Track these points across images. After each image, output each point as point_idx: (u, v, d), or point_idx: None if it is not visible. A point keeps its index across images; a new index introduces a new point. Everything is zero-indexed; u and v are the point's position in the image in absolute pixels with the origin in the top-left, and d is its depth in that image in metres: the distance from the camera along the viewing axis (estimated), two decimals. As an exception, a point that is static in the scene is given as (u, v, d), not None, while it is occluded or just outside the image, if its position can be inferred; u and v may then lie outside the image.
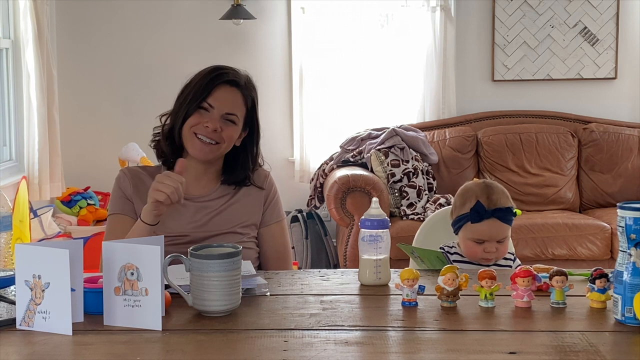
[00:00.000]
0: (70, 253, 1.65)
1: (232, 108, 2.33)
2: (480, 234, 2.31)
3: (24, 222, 3.94)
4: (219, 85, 2.32)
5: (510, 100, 5.66)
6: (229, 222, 2.34)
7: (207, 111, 2.31)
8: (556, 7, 5.55)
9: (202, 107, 2.31)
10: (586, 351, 1.52)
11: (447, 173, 5.28)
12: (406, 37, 5.58)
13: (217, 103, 2.31)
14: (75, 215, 4.90)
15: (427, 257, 2.26)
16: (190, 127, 2.30)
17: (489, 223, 2.30)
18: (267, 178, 2.46)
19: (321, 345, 1.57)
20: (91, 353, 1.57)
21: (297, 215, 5.30)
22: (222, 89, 2.32)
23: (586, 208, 5.30)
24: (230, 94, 2.33)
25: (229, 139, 2.33)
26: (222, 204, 2.37)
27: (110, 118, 5.55)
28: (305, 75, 5.46)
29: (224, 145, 2.33)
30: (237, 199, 2.39)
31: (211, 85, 2.31)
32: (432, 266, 2.24)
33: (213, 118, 2.30)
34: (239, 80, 2.36)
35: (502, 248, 2.33)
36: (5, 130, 4.82)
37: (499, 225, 2.31)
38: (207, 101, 2.30)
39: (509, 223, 2.33)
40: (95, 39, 5.53)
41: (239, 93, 2.35)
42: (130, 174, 2.41)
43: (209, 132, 2.29)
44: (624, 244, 1.68)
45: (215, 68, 2.36)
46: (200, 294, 1.75)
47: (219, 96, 2.31)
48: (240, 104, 2.35)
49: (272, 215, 2.43)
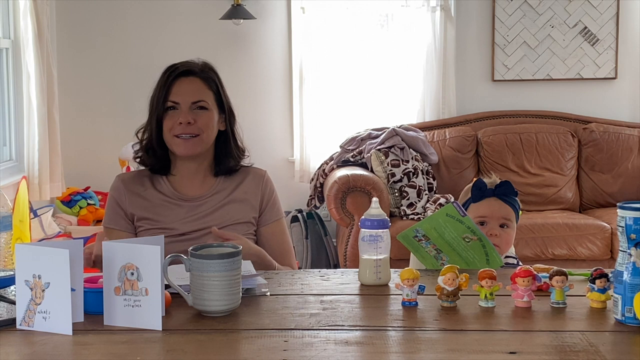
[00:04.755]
0: (70, 253, 1.65)
1: (196, 96, 2.33)
2: (482, 211, 2.35)
3: (24, 222, 3.94)
4: (175, 80, 2.34)
5: (510, 100, 5.66)
6: (224, 220, 2.34)
7: (175, 109, 2.32)
8: (556, 7, 5.55)
9: (168, 108, 2.32)
10: (586, 351, 1.52)
11: (447, 173, 5.28)
12: (406, 37, 5.58)
13: (180, 97, 2.32)
14: (75, 215, 4.90)
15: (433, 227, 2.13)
16: (169, 131, 2.32)
17: (490, 201, 2.35)
18: (263, 177, 2.46)
19: (321, 345, 1.57)
20: (91, 353, 1.57)
21: (297, 215, 5.31)
22: (179, 83, 2.34)
23: (586, 208, 5.30)
24: (189, 84, 2.34)
25: (206, 126, 2.33)
26: (219, 201, 2.37)
27: (110, 118, 5.55)
28: (305, 75, 5.46)
29: (205, 135, 2.33)
30: (234, 198, 2.39)
31: (168, 83, 2.33)
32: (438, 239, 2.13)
33: (183, 112, 2.31)
34: (193, 68, 2.37)
35: (505, 235, 2.35)
36: (5, 130, 4.82)
37: (500, 204, 2.35)
38: (170, 99, 2.32)
39: (510, 206, 2.36)
40: (95, 39, 5.53)
41: (197, 79, 2.36)
42: (126, 182, 2.40)
43: (185, 128, 2.30)
44: (624, 244, 1.68)
45: (168, 67, 2.38)
46: (200, 294, 1.75)
47: (178, 90, 2.33)
48: (203, 89, 2.36)
49: (270, 214, 2.44)
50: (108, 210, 2.40)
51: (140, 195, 2.37)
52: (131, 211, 2.36)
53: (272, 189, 2.47)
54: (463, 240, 2.12)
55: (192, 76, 2.36)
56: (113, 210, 2.38)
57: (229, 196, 2.39)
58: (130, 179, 2.41)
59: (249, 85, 5.52)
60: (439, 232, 2.14)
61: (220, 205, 2.37)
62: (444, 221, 2.13)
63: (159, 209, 2.35)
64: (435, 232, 2.14)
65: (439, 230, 2.14)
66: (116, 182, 2.41)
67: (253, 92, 5.52)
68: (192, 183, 2.39)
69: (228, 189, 2.40)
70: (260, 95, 5.55)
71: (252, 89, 5.52)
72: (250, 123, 5.52)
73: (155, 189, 2.39)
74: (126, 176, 2.44)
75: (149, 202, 2.36)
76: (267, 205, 2.43)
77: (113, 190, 2.40)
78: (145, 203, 2.36)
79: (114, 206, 2.38)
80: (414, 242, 2.17)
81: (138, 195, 2.37)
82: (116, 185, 2.40)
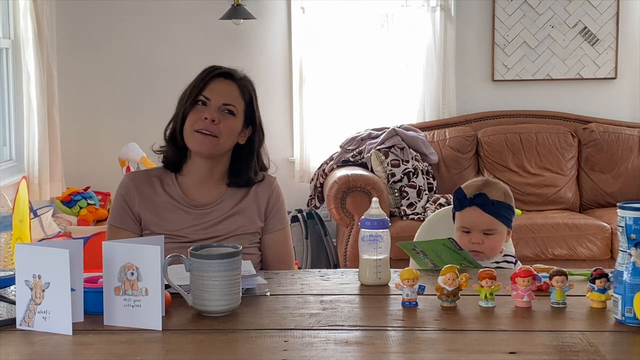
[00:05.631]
0: (70, 253, 1.65)
1: (228, 99, 2.32)
2: (464, 222, 2.33)
3: (24, 222, 3.94)
4: (214, 78, 2.34)
5: (510, 100, 5.66)
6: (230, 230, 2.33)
7: (205, 105, 2.31)
8: (556, 7, 5.55)
9: (198, 102, 2.31)
10: (586, 351, 1.52)
11: (447, 173, 5.28)
12: (406, 37, 5.58)
13: (213, 94, 2.31)
14: (75, 215, 4.90)
15: (431, 248, 2.19)
16: (191, 125, 2.30)
17: (470, 211, 2.32)
18: (272, 185, 2.44)
19: (321, 345, 1.57)
20: (91, 353, 1.57)
21: (297, 215, 5.31)
22: (216, 82, 2.33)
23: (586, 208, 5.30)
24: (225, 86, 2.34)
25: (227, 131, 2.30)
26: (227, 210, 2.34)
27: (110, 118, 5.55)
28: (305, 75, 5.46)
29: (223, 139, 2.30)
30: (243, 207, 2.36)
31: (206, 79, 2.33)
32: (436, 257, 2.18)
33: (210, 110, 2.30)
34: (234, 73, 2.37)
35: (489, 242, 2.32)
36: (5, 130, 4.82)
37: (480, 214, 2.31)
38: (203, 94, 2.31)
39: (493, 215, 2.31)
40: (95, 39, 5.53)
41: (234, 85, 2.35)
42: (136, 182, 2.37)
43: (207, 125, 2.28)
44: (624, 244, 1.68)
45: (210, 66, 2.38)
46: (200, 294, 1.75)
47: (214, 88, 2.32)
48: (236, 96, 2.35)
49: (275, 222, 2.41)
50: (115, 209, 2.37)
51: (148, 197, 2.34)
52: (139, 212, 2.33)
53: (278, 197, 2.44)
54: (459, 265, 2.13)
55: (230, 80, 2.35)
56: (121, 209, 2.35)
57: (237, 205, 2.36)
58: (139, 179, 2.38)
59: (249, 85, 5.51)
60: (437, 253, 2.18)
61: (228, 215, 2.34)
62: (441, 249, 2.17)
63: (166, 213, 2.33)
64: (433, 252, 2.18)
65: (437, 252, 2.17)
66: (125, 180, 2.38)
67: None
68: (201, 187, 2.36)
69: (236, 197, 2.37)
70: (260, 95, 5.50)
71: (252, 89, 5.52)
72: (250, 123, 5.55)
73: (165, 191, 2.36)
74: (136, 175, 2.41)
75: (156, 206, 2.33)
76: (272, 213, 2.41)
77: (122, 189, 2.37)
78: (153, 206, 2.33)
79: (122, 205, 2.35)
80: (412, 252, 2.22)
81: (147, 197, 2.34)
82: (125, 184, 2.37)
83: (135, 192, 2.35)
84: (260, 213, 2.39)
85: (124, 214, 2.34)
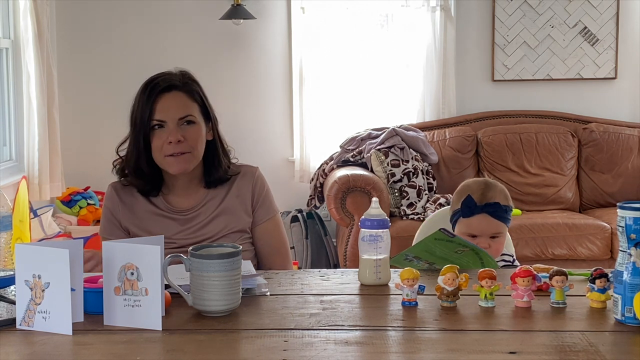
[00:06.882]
0: (70, 253, 1.65)
1: (182, 111, 2.26)
2: (472, 229, 2.33)
3: (24, 222, 3.94)
4: (157, 97, 2.25)
5: (510, 100, 5.66)
6: (218, 231, 2.32)
7: (162, 127, 2.25)
8: (556, 7, 5.55)
9: (154, 127, 2.25)
10: (586, 351, 1.52)
11: (447, 173, 5.28)
12: (406, 37, 5.58)
13: (165, 114, 2.24)
14: (75, 215, 4.90)
15: (422, 250, 2.16)
16: (159, 152, 2.25)
17: (479, 218, 2.33)
18: (254, 176, 2.40)
19: (321, 345, 1.57)
20: (91, 353, 1.57)
21: (297, 215, 5.31)
22: (162, 99, 2.25)
23: (586, 208, 5.30)
24: (173, 99, 2.26)
25: (196, 140, 2.27)
26: (212, 211, 2.34)
27: (110, 118, 5.54)
28: (305, 75, 5.46)
29: (197, 150, 2.28)
30: (226, 205, 2.35)
31: (150, 101, 2.24)
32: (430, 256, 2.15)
33: (170, 130, 2.24)
34: (174, 81, 2.29)
35: (496, 245, 2.34)
36: (5, 130, 4.82)
37: (489, 221, 2.33)
38: (155, 118, 2.24)
39: (501, 220, 2.34)
40: (95, 39, 5.53)
41: (180, 94, 2.28)
42: (119, 191, 2.37)
43: (175, 147, 2.23)
44: (624, 244, 1.68)
45: (147, 83, 2.29)
46: (200, 294, 1.75)
47: (163, 106, 2.25)
48: (188, 103, 2.28)
49: (264, 213, 2.40)
50: (103, 220, 2.38)
51: (131, 208, 2.34)
52: (124, 224, 2.34)
53: (263, 186, 2.41)
54: (455, 253, 2.12)
55: (174, 90, 2.27)
56: (108, 220, 2.36)
57: (220, 205, 2.35)
58: (122, 188, 2.37)
59: (249, 85, 5.52)
60: (430, 252, 2.15)
61: (213, 217, 2.33)
62: (433, 244, 2.14)
63: (150, 224, 2.32)
64: (426, 252, 2.15)
65: (430, 251, 2.15)
66: (109, 191, 2.37)
67: (253, 92, 5.52)
68: (183, 193, 2.36)
69: (219, 197, 2.36)
70: (260, 95, 5.54)
71: (252, 89, 5.52)
72: (250, 123, 5.55)
73: (147, 200, 2.35)
74: (119, 185, 2.39)
75: (139, 218, 2.33)
76: (259, 203, 2.39)
77: (107, 200, 2.37)
78: (136, 219, 2.33)
79: (108, 216, 2.36)
80: (405, 262, 2.19)
81: (130, 208, 2.34)
82: (110, 194, 2.36)
83: (119, 203, 2.35)
84: (247, 207, 2.37)
85: (111, 225, 2.35)
